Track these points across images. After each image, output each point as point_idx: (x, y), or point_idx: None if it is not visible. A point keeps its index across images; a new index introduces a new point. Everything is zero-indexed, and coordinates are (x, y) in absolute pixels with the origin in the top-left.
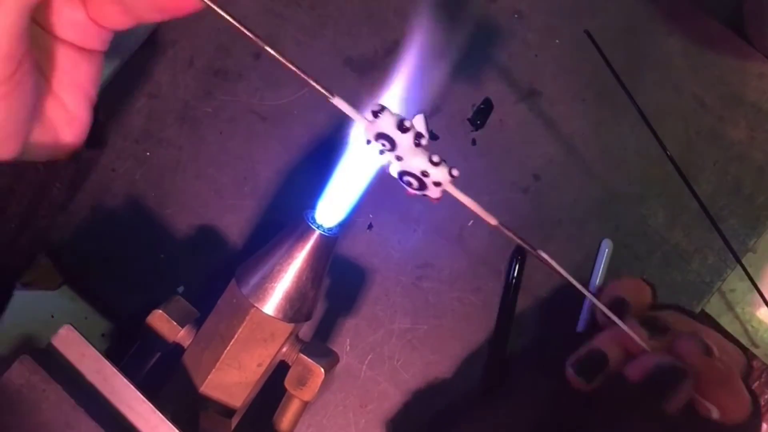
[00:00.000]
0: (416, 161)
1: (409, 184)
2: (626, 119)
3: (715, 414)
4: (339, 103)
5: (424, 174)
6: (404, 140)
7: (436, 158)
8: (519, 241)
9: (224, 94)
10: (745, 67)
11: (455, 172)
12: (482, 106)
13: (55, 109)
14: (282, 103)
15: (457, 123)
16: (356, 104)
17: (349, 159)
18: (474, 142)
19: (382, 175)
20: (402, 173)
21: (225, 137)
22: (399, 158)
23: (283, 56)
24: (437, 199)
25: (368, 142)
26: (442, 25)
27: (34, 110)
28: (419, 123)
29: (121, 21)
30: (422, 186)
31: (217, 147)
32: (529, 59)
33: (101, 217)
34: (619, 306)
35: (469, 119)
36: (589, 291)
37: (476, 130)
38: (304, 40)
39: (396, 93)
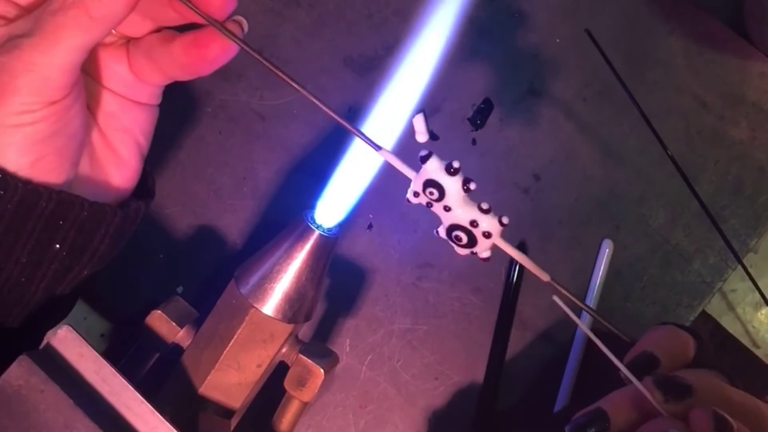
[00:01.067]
0: (465, 210)
1: (458, 240)
2: (627, 119)
3: None
4: (387, 156)
5: (473, 224)
6: (452, 186)
7: (485, 205)
8: (573, 299)
9: (224, 93)
10: (746, 66)
11: (505, 220)
12: (482, 106)
13: (104, 150)
14: (282, 103)
15: (457, 123)
16: (356, 102)
17: (349, 158)
18: (474, 141)
19: (382, 175)
20: (451, 228)
21: (224, 137)
22: (447, 209)
23: (282, 55)
24: (487, 258)
25: (416, 194)
26: (442, 25)
27: (83, 139)
28: (419, 122)
29: (157, 78)
30: (472, 241)
31: (216, 147)
32: (530, 59)
33: None
34: (646, 362)
35: (469, 119)
36: (591, 309)
37: (476, 129)
38: (304, 40)
39: (396, 93)
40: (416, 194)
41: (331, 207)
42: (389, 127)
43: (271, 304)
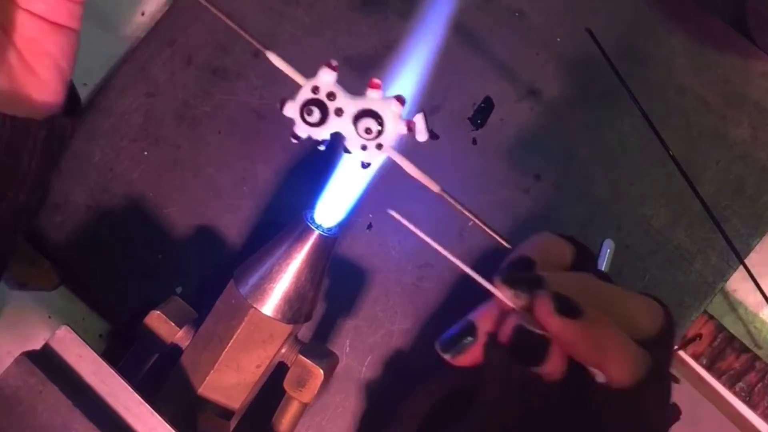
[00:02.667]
0: (354, 103)
1: (369, 132)
2: (628, 118)
3: (599, 378)
4: (274, 58)
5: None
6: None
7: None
8: (460, 209)
9: (223, 92)
10: (748, 65)
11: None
12: (483, 105)
13: (23, 72)
14: None
15: (457, 122)
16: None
17: (349, 159)
18: (475, 141)
19: (382, 175)
20: (356, 122)
21: (224, 136)
22: (340, 112)
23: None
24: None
25: (308, 112)
26: (442, 24)
27: None
28: (419, 122)
29: None
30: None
31: (215, 146)
32: (530, 58)
33: (98, 217)
34: (520, 265)
35: (469, 118)
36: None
37: (477, 129)
38: (304, 39)
39: (396, 92)
40: (309, 111)
41: (331, 207)
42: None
43: (270, 305)
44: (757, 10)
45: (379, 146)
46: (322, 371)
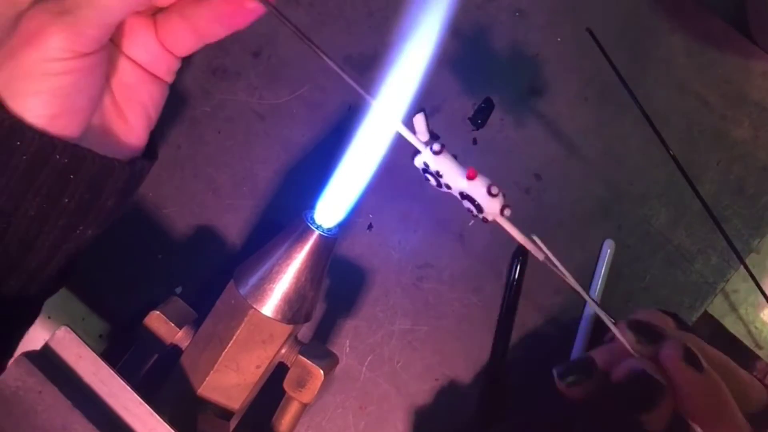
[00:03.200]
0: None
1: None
2: (628, 118)
3: None
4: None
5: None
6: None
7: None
8: (567, 278)
9: (222, 93)
10: (749, 65)
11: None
12: (483, 105)
13: (114, 115)
14: (281, 102)
15: (457, 122)
16: (356, 101)
17: (349, 158)
18: (475, 141)
19: (382, 175)
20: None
21: (223, 136)
22: (448, 187)
23: (282, 55)
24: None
25: (425, 173)
26: (443, 23)
27: (98, 104)
28: (419, 122)
29: (187, 43)
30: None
31: (215, 146)
32: (531, 58)
33: None
34: (635, 327)
35: (469, 118)
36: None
37: (477, 129)
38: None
39: (396, 92)
40: (426, 173)
41: (331, 207)
42: (389, 127)
43: (270, 305)
44: (758, 11)
45: (485, 220)
46: (322, 371)
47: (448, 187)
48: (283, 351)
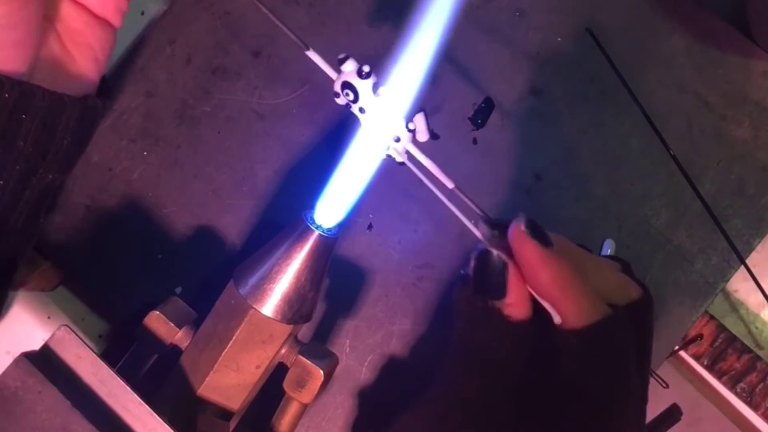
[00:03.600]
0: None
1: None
2: (629, 118)
3: (555, 319)
4: (313, 55)
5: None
6: (364, 88)
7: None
8: (473, 206)
9: (222, 92)
10: (750, 65)
11: (411, 126)
12: (483, 105)
13: (62, 57)
14: (281, 102)
15: (457, 122)
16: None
17: (349, 158)
18: (475, 141)
19: (382, 175)
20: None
21: (223, 136)
22: (362, 110)
23: (282, 55)
24: (401, 163)
25: (337, 95)
26: (443, 23)
27: (39, 38)
28: (419, 122)
29: None
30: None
31: (215, 146)
32: (531, 57)
33: (98, 217)
34: (491, 223)
35: (469, 118)
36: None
37: (477, 129)
38: (303, 39)
39: (396, 92)
40: (337, 95)
41: (331, 207)
42: (389, 127)
43: (270, 305)
44: (758, 10)
45: (398, 139)
46: (321, 372)
47: (362, 110)
48: (283, 351)
